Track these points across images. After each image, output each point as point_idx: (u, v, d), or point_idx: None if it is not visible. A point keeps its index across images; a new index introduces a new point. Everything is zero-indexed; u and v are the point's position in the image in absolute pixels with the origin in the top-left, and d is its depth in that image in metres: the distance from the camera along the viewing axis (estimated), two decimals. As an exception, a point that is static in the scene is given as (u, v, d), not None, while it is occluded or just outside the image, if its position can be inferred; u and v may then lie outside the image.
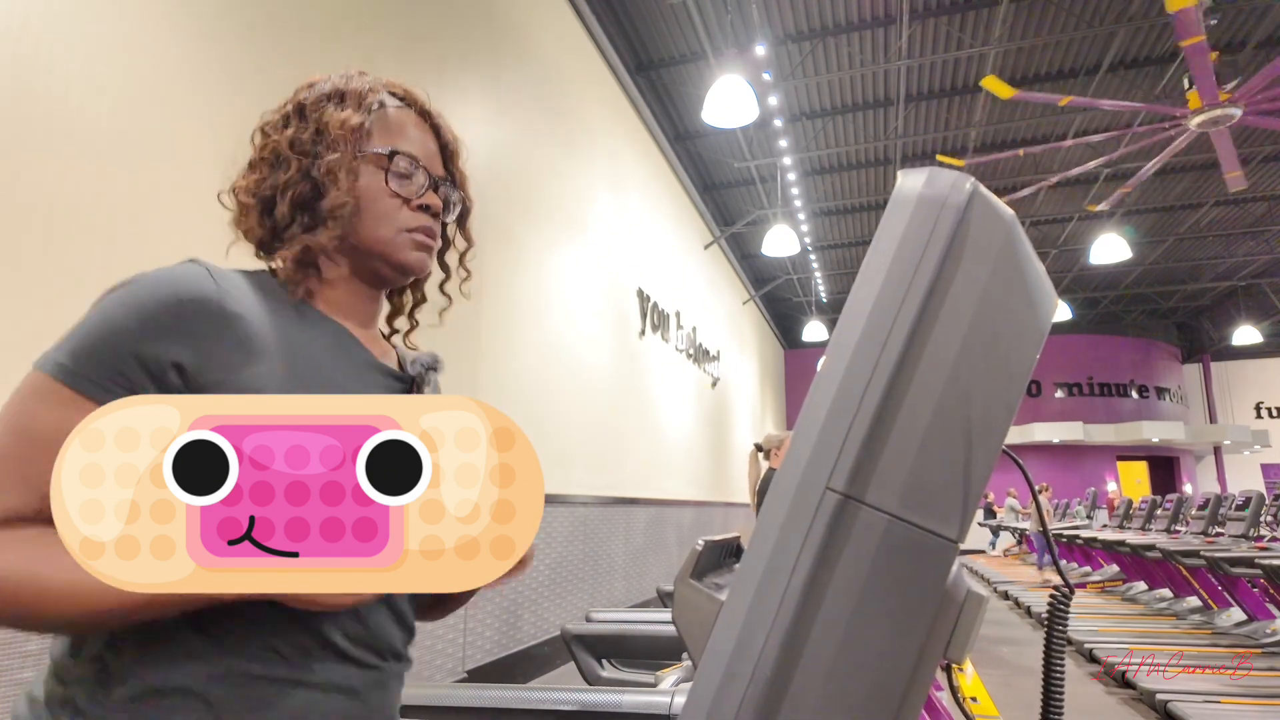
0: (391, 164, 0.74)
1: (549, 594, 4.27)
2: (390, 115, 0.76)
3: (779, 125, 7.73)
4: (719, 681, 0.47)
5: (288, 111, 0.76)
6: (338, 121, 0.72)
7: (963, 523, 0.48)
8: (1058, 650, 0.57)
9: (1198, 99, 5.55)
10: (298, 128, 0.74)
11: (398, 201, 0.74)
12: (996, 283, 0.49)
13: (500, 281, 4.01)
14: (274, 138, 0.74)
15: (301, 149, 0.73)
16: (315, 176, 0.72)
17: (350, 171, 0.72)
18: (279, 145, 0.73)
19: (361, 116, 0.73)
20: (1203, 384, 17.97)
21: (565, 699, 1.40)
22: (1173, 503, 6.46)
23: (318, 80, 0.77)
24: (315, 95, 0.75)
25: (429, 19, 3.54)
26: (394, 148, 0.75)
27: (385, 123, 0.76)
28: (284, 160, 0.73)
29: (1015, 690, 3.78)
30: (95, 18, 1.96)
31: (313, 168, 0.72)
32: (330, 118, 0.73)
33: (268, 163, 0.74)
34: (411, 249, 0.76)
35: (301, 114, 0.75)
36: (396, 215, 0.74)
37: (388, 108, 0.76)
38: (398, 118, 0.77)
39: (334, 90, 0.75)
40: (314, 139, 0.73)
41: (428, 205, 0.76)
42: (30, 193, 1.78)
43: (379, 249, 0.74)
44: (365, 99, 0.75)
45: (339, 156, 0.71)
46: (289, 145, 0.73)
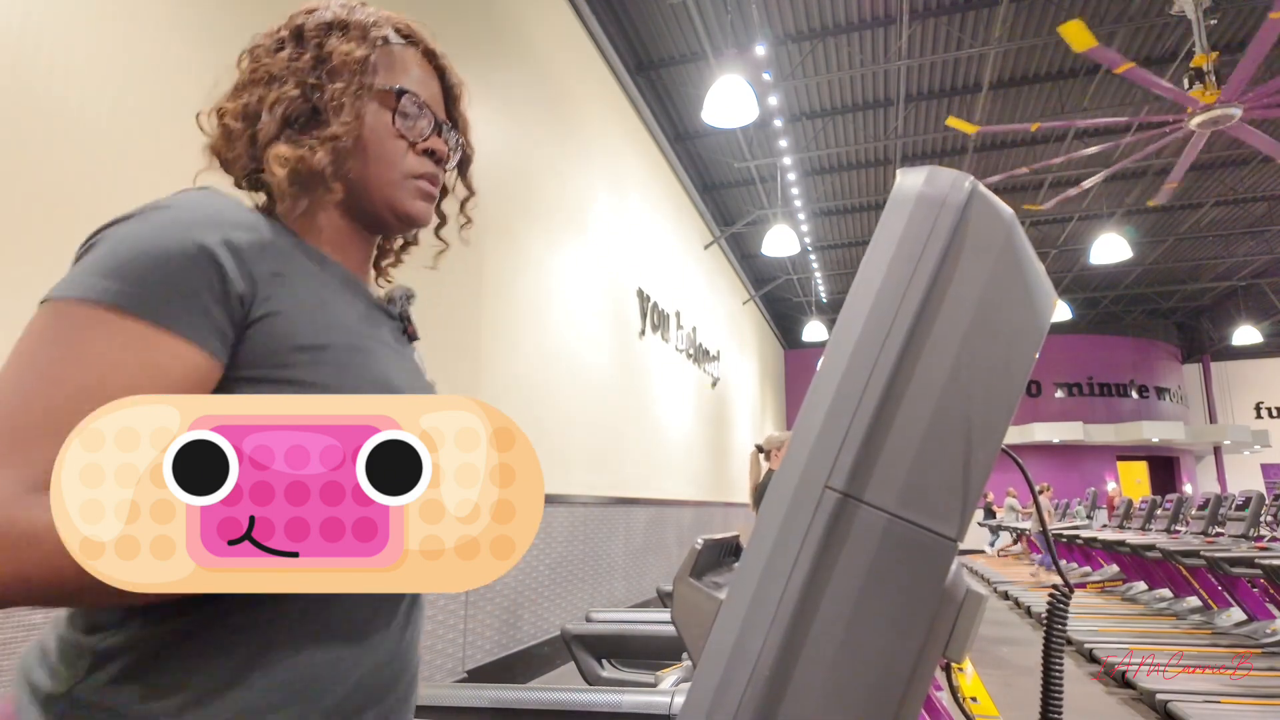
0: (399, 104, 0.69)
1: (549, 594, 4.27)
2: (395, 52, 0.71)
3: (779, 125, 7.74)
4: (718, 681, 0.47)
5: (283, 36, 0.70)
6: (341, 52, 0.67)
7: (962, 522, 0.48)
8: (1057, 650, 0.57)
9: (1196, 98, 5.55)
10: (294, 51, 0.68)
11: (403, 144, 0.70)
12: (996, 282, 0.49)
13: (500, 281, 4.01)
14: (266, 60, 0.68)
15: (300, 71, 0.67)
16: (315, 101, 0.67)
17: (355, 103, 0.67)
18: (272, 67, 0.67)
19: (367, 49, 0.68)
20: (1203, 384, 17.98)
21: (565, 699, 1.40)
22: (1173, 503, 6.46)
23: (317, 6, 0.71)
24: (315, 21, 0.70)
25: (428, 18, 3.52)
26: (401, 86, 0.70)
27: (390, 59, 0.71)
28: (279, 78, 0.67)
29: (1015, 690, 3.78)
30: (95, 17, 1.96)
31: (311, 93, 0.67)
32: (333, 47, 0.67)
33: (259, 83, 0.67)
34: (416, 197, 0.71)
35: (300, 39, 0.69)
36: (401, 159, 0.70)
37: (392, 44, 0.71)
38: (402, 56, 0.72)
39: (336, 19, 0.70)
40: (314, 65, 0.67)
41: (433, 150, 0.72)
42: (30, 192, 1.78)
43: (381, 193, 0.70)
44: (370, 32, 0.70)
45: (344, 86, 0.66)
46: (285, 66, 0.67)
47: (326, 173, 0.67)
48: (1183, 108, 5.83)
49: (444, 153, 0.73)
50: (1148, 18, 6.43)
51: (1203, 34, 5.42)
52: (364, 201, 0.70)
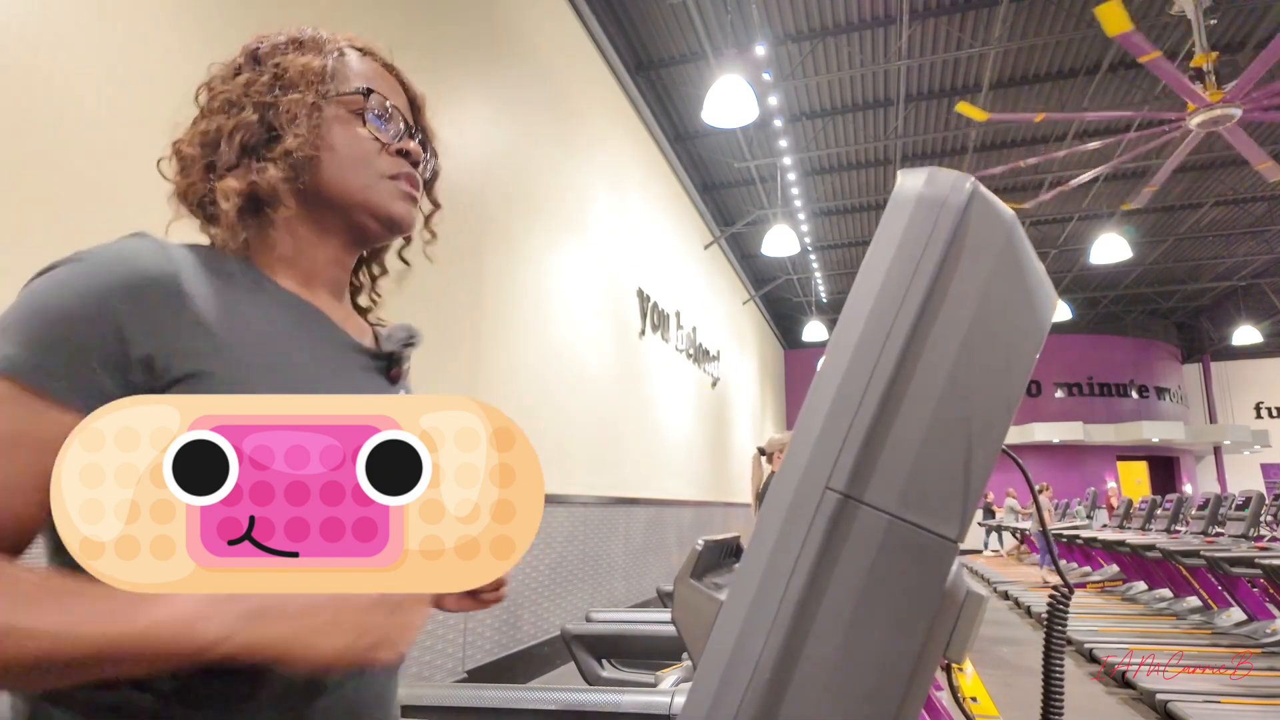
0: (367, 103, 0.67)
1: (549, 594, 4.27)
2: (353, 63, 0.70)
3: (779, 125, 7.74)
4: (719, 681, 0.47)
5: (239, 62, 0.68)
6: (299, 65, 0.65)
7: (963, 522, 0.48)
8: (1057, 650, 0.57)
9: (1198, 98, 5.55)
10: (252, 75, 0.66)
11: (375, 145, 0.67)
12: (996, 283, 0.49)
13: (500, 281, 4.01)
14: (223, 88, 0.66)
15: (257, 92, 0.65)
16: (270, 120, 0.65)
17: (313, 112, 0.65)
18: (229, 93, 0.66)
19: (324, 60, 0.67)
20: (1203, 384, 17.98)
21: (565, 699, 1.40)
22: (1173, 503, 6.46)
23: (269, 34, 0.70)
24: (271, 44, 0.69)
25: (428, 19, 3.54)
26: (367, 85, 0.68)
27: (349, 69, 0.69)
28: (237, 104, 0.65)
29: (1015, 690, 3.78)
30: (94, 16, 1.96)
31: (268, 112, 0.65)
32: (290, 62, 0.66)
33: (218, 111, 0.66)
34: (397, 198, 0.68)
35: (256, 61, 0.68)
36: (374, 160, 0.67)
37: (348, 56, 0.70)
38: (361, 65, 0.71)
39: (291, 39, 0.69)
40: (271, 84, 0.65)
41: (407, 151, 0.69)
42: (30, 192, 1.78)
43: (359, 198, 0.67)
44: (325, 46, 0.69)
45: (300, 96, 0.64)
46: (242, 91, 0.65)
47: (279, 190, 0.64)
48: (1183, 106, 5.83)
49: (418, 154, 0.71)
50: (1148, 18, 6.42)
51: (1203, 34, 5.42)
52: (343, 210, 0.67)
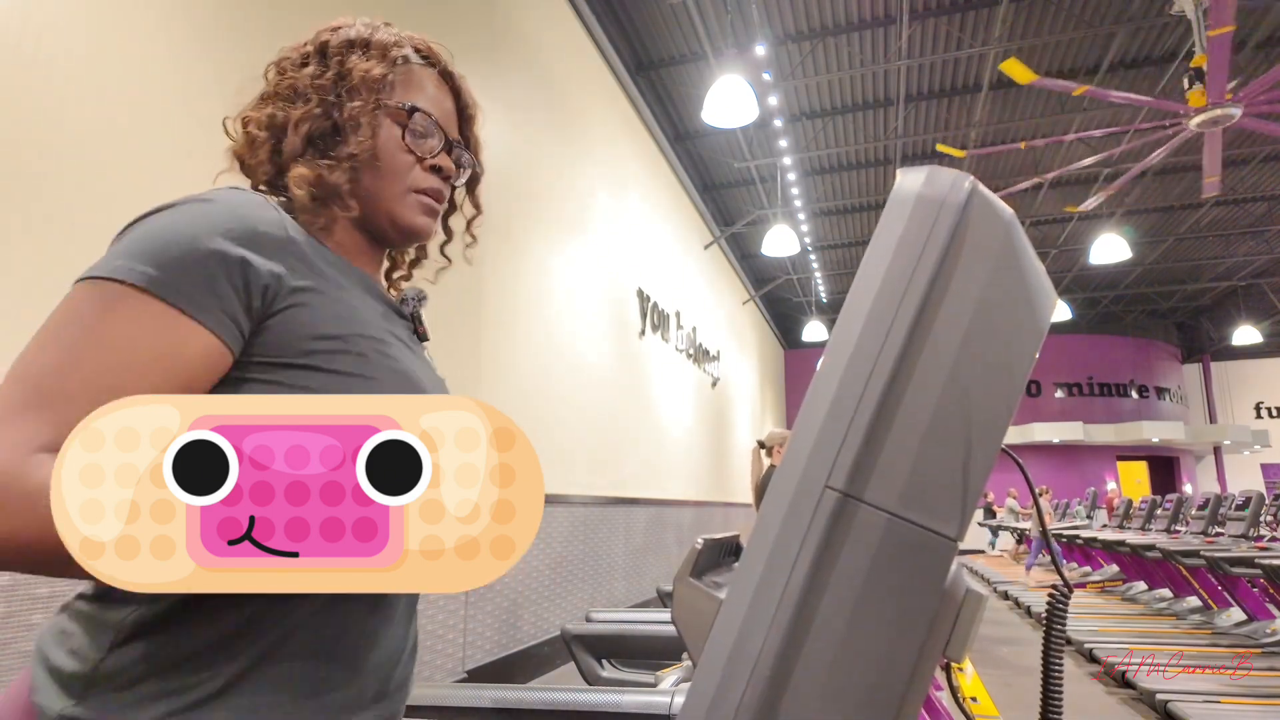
0: (410, 120, 0.73)
1: (549, 594, 4.27)
2: (413, 71, 0.75)
3: (779, 125, 7.74)
4: (718, 680, 0.47)
5: (308, 51, 0.74)
6: (361, 70, 0.71)
7: (962, 521, 0.48)
8: (1057, 650, 0.57)
9: (1198, 97, 5.54)
10: (318, 68, 0.72)
11: (411, 159, 0.73)
12: (996, 282, 0.49)
13: (500, 281, 4.01)
14: (291, 74, 0.72)
15: (322, 88, 0.71)
16: (334, 118, 0.71)
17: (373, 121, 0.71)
18: (297, 81, 0.72)
19: (385, 68, 0.72)
20: (1203, 384, 17.98)
21: (565, 699, 1.40)
22: (1173, 503, 6.46)
23: (342, 25, 0.75)
24: (339, 40, 0.74)
25: (428, 19, 3.54)
26: (413, 104, 0.73)
27: (407, 78, 0.74)
28: (302, 96, 0.71)
29: (1015, 690, 3.78)
30: (94, 16, 1.96)
31: (333, 110, 0.71)
32: (354, 65, 0.71)
33: (284, 97, 0.72)
34: (419, 211, 0.75)
35: (323, 56, 0.73)
36: (408, 173, 0.73)
37: (411, 63, 0.75)
38: (419, 75, 0.76)
39: (359, 38, 0.74)
40: (335, 82, 0.71)
41: (440, 167, 0.75)
42: (29, 191, 1.79)
43: (386, 205, 0.73)
44: (389, 51, 0.74)
45: (362, 104, 0.70)
46: (309, 83, 0.71)
47: (344, 190, 0.70)
48: (1183, 105, 5.83)
49: (451, 169, 0.76)
50: (1148, 18, 6.43)
51: (1203, 34, 5.42)
52: (369, 213, 0.73)
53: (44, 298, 0.61)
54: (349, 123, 0.70)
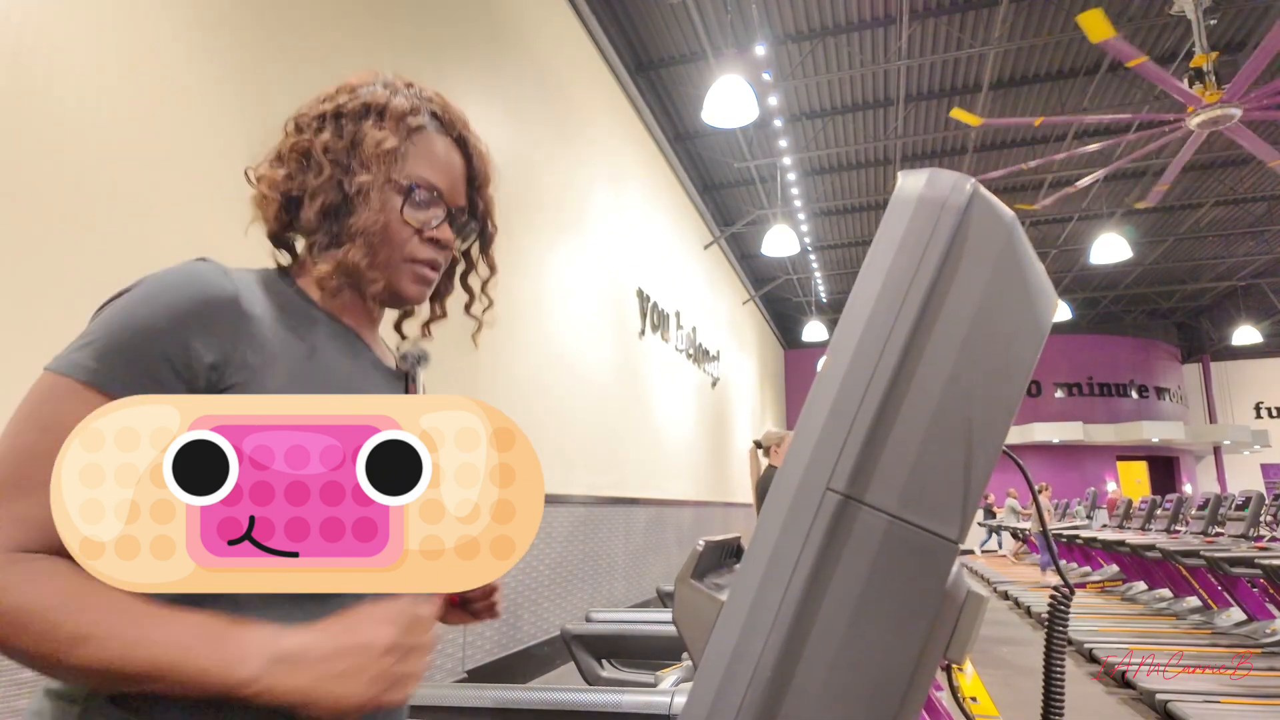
0: (411, 194, 0.73)
1: (549, 594, 4.27)
2: (425, 138, 0.75)
3: (779, 125, 7.74)
4: (719, 681, 0.47)
5: (324, 112, 0.74)
6: (374, 141, 0.71)
7: (963, 523, 0.48)
8: (1058, 650, 0.57)
9: (1207, 92, 5.54)
10: (333, 135, 0.73)
11: (409, 230, 0.74)
12: (996, 283, 0.49)
13: (500, 281, 4.00)
14: (306, 136, 0.73)
15: (335, 157, 0.72)
16: (345, 189, 0.72)
17: (382, 194, 0.72)
18: (311, 147, 0.73)
19: (397, 140, 0.73)
20: (1202, 384, 17.98)
21: (565, 699, 1.40)
22: (1172, 503, 6.46)
23: (360, 85, 0.76)
24: (356, 105, 0.74)
25: (428, 18, 3.54)
26: (416, 179, 0.74)
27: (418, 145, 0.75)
28: (315, 163, 0.72)
29: (1015, 690, 3.78)
30: (94, 16, 1.96)
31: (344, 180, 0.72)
32: (367, 134, 0.72)
33: (296, 161, 0.73)
34: (412, 280, 0.76)
35: (339, 122, 0.74)
36: (406, 244, 0.74)
37: (426, 130, 0.76)
38: (431, 141, 0.76)
39: (374, 103, 0.74)
40: (348, 151, 0.72)
41: (438, 239, 0.76)
42: (29, 191, 1.78)
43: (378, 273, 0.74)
44: (404, 121, 0.74)
45: (371, 177, 0.71)
46: (322, 150, 0.72)
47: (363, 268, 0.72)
48: (1183, 107, 5.83)
49: (449, 240, 0.77)
50: (1148, 18, 6.43)
51: (1202, 34, 5.42)
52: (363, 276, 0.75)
53: (48, 307, 0.60)
54: (358, 197, 0.71)
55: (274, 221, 0.74)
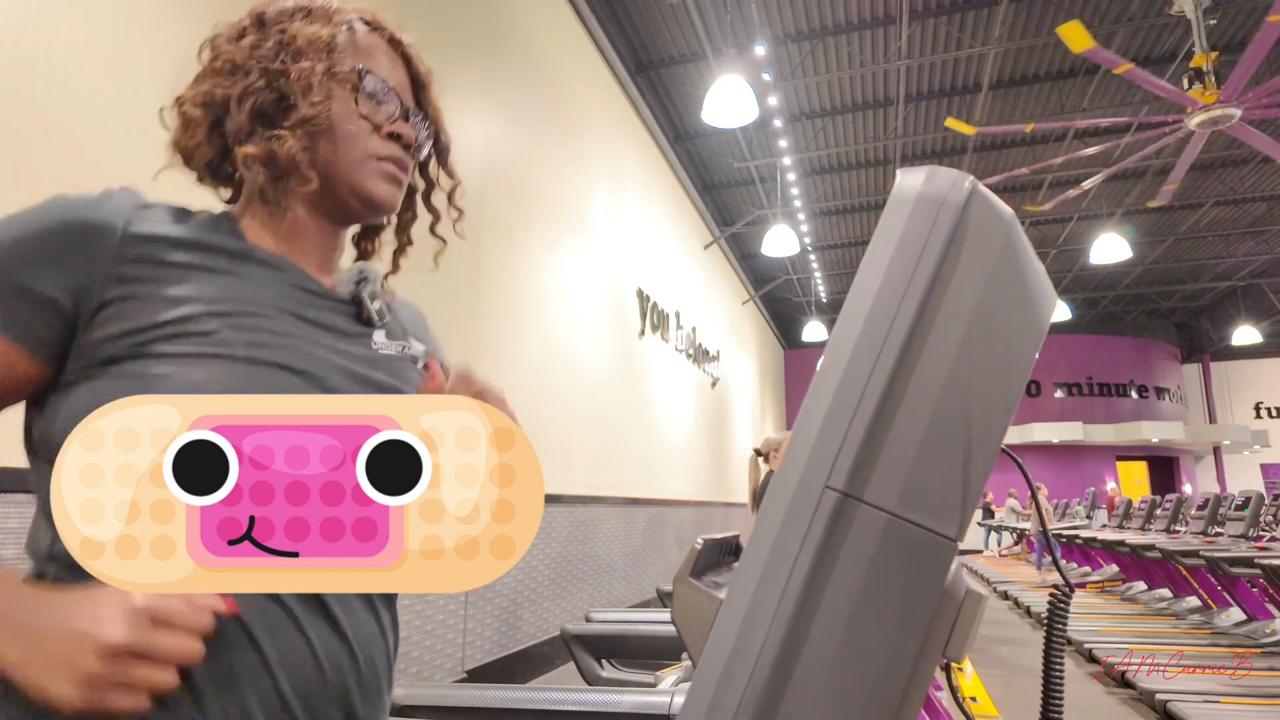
0: (361, 83, 0.68)
1: (549, 594, 4.27)
2: (359, 38, 0.70)
3: (779, 125, 7.74)
4: (718, 680, 0.47)
5: (245, 24, 0.69)
6: (306, 34, 0.66)
7: (962, 521, 0.48)
8: (1058, 650, 0.57)
9: (1201, 94, 5.54)
10: (257, 38, 0.67)
11: (366, 125, 0.68)
12: (996, 282, 0.49)
13: (500, 281, 4.01)
14: (228, 48, 0.67)
15: (263, 57, 0.66)
16: (280, 88, 0.66)
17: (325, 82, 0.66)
18: (235, 55, 0.66)
19: (332, 30, 0.68)
20: (1202, 384, 17.98)
21: (565, 699, 1.40)
22: (1172, 503, 6.46)
23: None
24: (277, 9, 0.69)
25: (428, 18, 3.54)
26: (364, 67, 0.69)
27: (354, 44, 0.70)
28: (241, 68, 0.66)
29: (1015, 690, 3.78)
30: (95, 15, 1.96)
31: (277, 79, 0.66)
32: (297, 30, 0.67)
33: (221, 72, 0.67)
34: (380, 179, 0.70)
35: (261, 25, 0.68)
36: (365, 140, 0.68)
37: (356, 30, 0.70)
38: (367, 41, 0.71)
39: (298, 6, 0.69)
40: (277, 51, 0.66)
41: (399, 134, 0.70)
42: (29, 191, 1.78)
43: (344, 175, 0.68)
44: (334, 17, 0.69)
45: (311, 65, 0.65)
46: (248, 53, 0.66)
47: (300, 160, 0.65)
48: (1182, 107, 5.83)
49: (410, 137, 0.71)
50: (1147, 18, 6.43)
51: (1202, 34, 5.42)
52: (327, 186, 0.69)
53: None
54: (298, 86, 0.65)
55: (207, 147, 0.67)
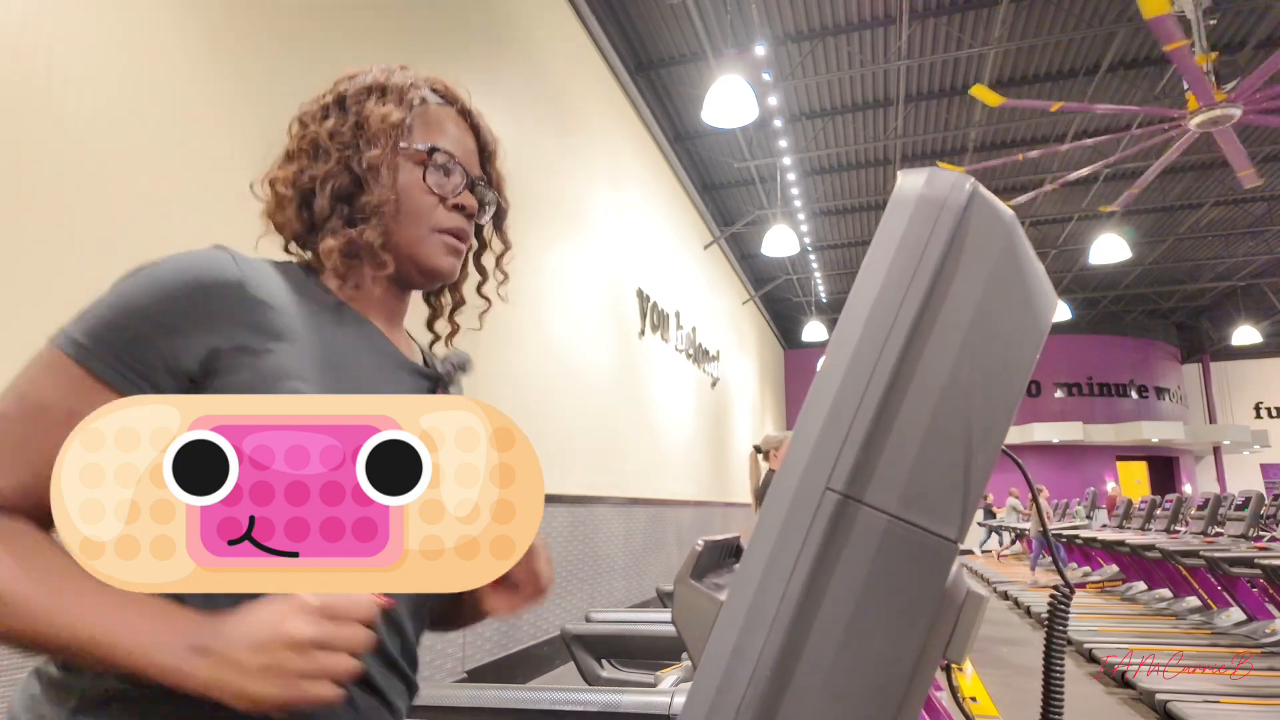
0: (430, 160, 0.73)
1: (549, 594, 4.26)
2: (430, 112, 0.75)
3: (779, 125, 7.73)
4: (718, 681, 0.47)
5: (327, 103, 0.74)
6: (379, 116, 0.71)
7: (963, 523, 0.48)
8: (1058, 650, 0.57)
9: (1193, 100, 5.55)
10: (337, 120, 0.72)
11: (433, 200, 0.73)
12: (996, 283, 0.49)
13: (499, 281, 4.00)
14: (312, 128, 0.73)
15: (341, 141, 0.71)
16: (355, 170, 0.71)
17: (391, 167, 0.71)
18: (318, 136, 0.72)
19: (403, 112, 0.72)
20: (1202, 384, 17.98)
21: (565, 699, 1.40)
22: (1172, 503, 6.46)
23: (359, 73, 0.75)
24: (356, 88, 0.74)
25: (428, 18, 3.54)
26: (433, 144, 0.73)
27: (425, 119, 0.74)
28: (323, 151, 0.71)
29: (1015, 690, 3.78)
30: (95, 14, 1.96)
31: (352, 161, 0.71)
32: (371, 112, 0.71)
33: (306, 154, 0.72)
34: (443, 253, 0.75)
35: (342, 106, 0.73)
36: (432, 214, 0.73)
37: (429, 104, 0.75)
38: (438, 115, 0.76)
39: (375, 84, 0.74)
40: (354, 132, 0.71)
41: (463, 205, 0.75)
42: (29, 190, 1.78)
43: (409, 249, 0.73)
44: (406, 94, 0.74)
45: (380, 152, 0.70)
46: (329, 136, 0.71)
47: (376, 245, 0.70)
48: (1184, 105, 5.82)
49: (474, 207, 0.76)
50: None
51: (1202, 34, 5.42)
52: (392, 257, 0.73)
53: (48, 300, 0.61)
54: (368, 173, 0.70)
55: (296, 222, 0.72)
